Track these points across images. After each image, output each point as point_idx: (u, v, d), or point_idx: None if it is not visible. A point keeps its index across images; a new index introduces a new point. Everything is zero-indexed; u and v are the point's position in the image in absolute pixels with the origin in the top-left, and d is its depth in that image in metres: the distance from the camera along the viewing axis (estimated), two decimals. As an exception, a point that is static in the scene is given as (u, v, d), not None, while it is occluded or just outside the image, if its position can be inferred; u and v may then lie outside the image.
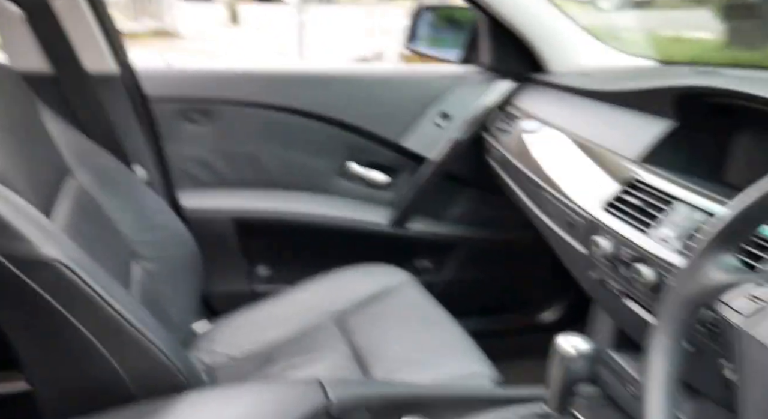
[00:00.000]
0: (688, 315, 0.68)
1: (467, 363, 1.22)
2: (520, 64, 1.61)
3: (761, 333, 0.57)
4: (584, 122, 1.30)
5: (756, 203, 0.63)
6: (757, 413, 0.55)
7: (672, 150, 1.07)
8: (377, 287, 1.48)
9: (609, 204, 1.07)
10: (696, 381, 0.85)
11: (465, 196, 1.79)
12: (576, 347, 0.92)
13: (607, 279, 1.07)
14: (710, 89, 0.99)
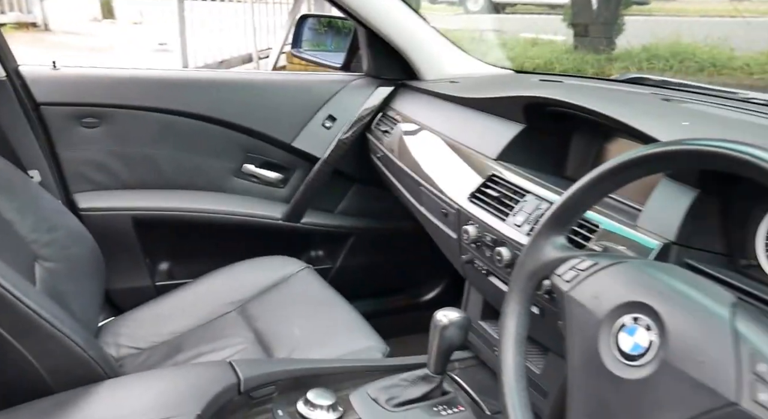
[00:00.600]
0: (532, 285, 0.83)
1: (361, 340, 1.32)
2: (397, 72, 1.73)
3: (579, 295, 0.72)
4: (453, 124, 1.45)
5: (577, 194, 0.79)
6: (579, 354, 0.71)
7: (523, 149, 1.24)
8: (276, 276, 1.55)
9: (473, 196, 1.22)
10: (542, 338, 1.01)
11: (353, 191, 1.90)
12: (449, 317, 1.06)
13: (475, 260, 1.22)
14: (549, 100, 1.17)
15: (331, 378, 1.13)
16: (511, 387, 0.78)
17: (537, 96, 1.20)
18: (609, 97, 1.20)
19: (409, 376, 1.14)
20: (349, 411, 1.06)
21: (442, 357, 1.09)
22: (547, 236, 0.81)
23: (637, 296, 0.66)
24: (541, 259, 0.81)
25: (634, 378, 0.63)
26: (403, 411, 1.08)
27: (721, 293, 0.64)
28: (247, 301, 1.48)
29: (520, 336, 0.82)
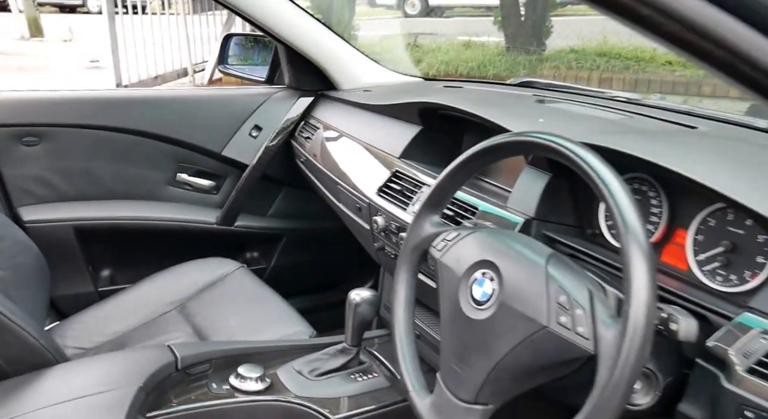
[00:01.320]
0: (416, 257, 1.01)
1: (290, 326, 1.47)
2: (316, 84, 1.90)
3: (447, 259, 0.91)
4: (365, 128, 1.63)
5: (445, 181, 0.98)
6: (446, 306, 0.89)
7: (421, 148, 1.43)
8: (212, 276, 1.68)
9: (380, 190, 1.41)
10: (431, 302, 1.18)
11: (282, 194, 2.05)
12: (361, 296, 1.24)
13: (385, 247, 1.40)
14: (437, 104, 1.37)
15: (261, 357, 1.28)
16: (402, 338, 0.97)
17: (427, 102, 1.39)
18: (491, 100, 1.41)
19: (329, 350, 1.30)
20: (276, 383, 1.22)
21: (357, 331, 1.26)
22: (425, 216, 0.99)
23: (484, 255, 0.85)
24: (421, 234, 0.99)
25: (482, 318, 0.82)
26: (324, 379, 1.24)
27: (541, 248, 0.84)
28: (186, 300, 1.60)
29: (409, 299, 1.00)
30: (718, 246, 0.89)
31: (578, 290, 0.76)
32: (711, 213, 0.91)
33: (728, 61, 0.44)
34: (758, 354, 0.72)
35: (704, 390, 0.77)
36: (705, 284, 0.89)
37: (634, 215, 0.70)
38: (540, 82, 1.66)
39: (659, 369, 0.80)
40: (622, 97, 1.39)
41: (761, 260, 0.84)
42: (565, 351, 0.75)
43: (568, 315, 0.75)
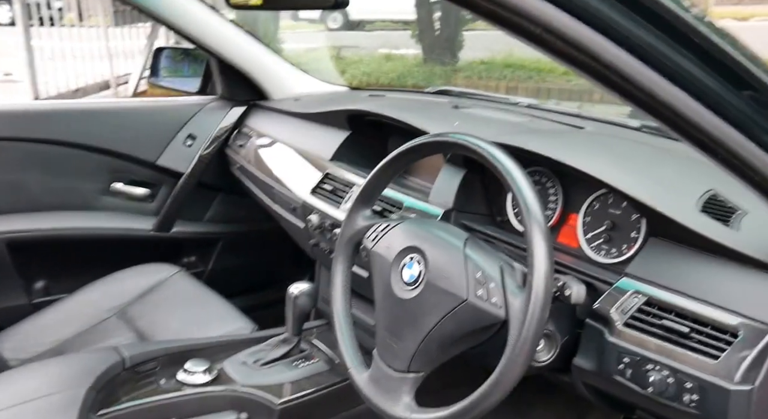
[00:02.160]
0: (351, 249, 1.09)
1: (232, 323, 1.51)
2: (248, 94, 1.95)
3: (378, 248, 1.00)
4: (297, 135, 1.71)
5: (374, 177, 1.07)
6: (380, 289, 0.98)
7: (350, 151, 1.52)
8: (152, 281, 1.69)
9: (313, 191, 1.49)
10: (365, 291, 1.26)
11: (218, 200, 2.08)
12: (300, 288, 1.31)
13: (320, 243, 1.48)
14: (363, 111, 1.47)
15: (207, 352, 1.32)
16: (341, 321, 1.05)
17: (355, 109, 1.49)
18: (412, 107, 1.52)
19: (272, 341, 1.37)
20: (223, 374, 1.27)
21: (298, 321, 1.33)
22: (358, 210, 1.08)
23: (411, 242, 0.95)
24: (355, 228, 1.08)
25: (411, 297, 0.92)
26: (268, 368, 1.31)
27: (459, 233, 0.95)
28: (126, 306, 1.61)
29: (346, 286, 1.08)
30: (602, 226, 1.03)
31: (491, 267, 0.87)
32: (595, 198, 1.05)
33: (602, 72, 0.55)
34: (632, 311, 0.86)
35: (593, 345, 0.90)
36: (592, 258, 1.03)
37: (535, 202, 0.82)
38: (454, 90, 1.80)
39: (557, 329, 0.92)
40: (524, 102, 1.54)
41: (634, 235, 0.98)
42: (482, 319, 0.86)
43: (483, 288, 0.86)
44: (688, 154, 1.06)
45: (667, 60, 0.54)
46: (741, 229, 0.85)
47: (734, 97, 0.57)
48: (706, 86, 0.56)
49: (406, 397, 0.91)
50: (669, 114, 0.55)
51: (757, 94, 0.58)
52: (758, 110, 0.59)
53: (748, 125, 0.59)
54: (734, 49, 0.56)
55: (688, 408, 0.80)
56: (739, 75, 0.57)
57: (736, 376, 0.76)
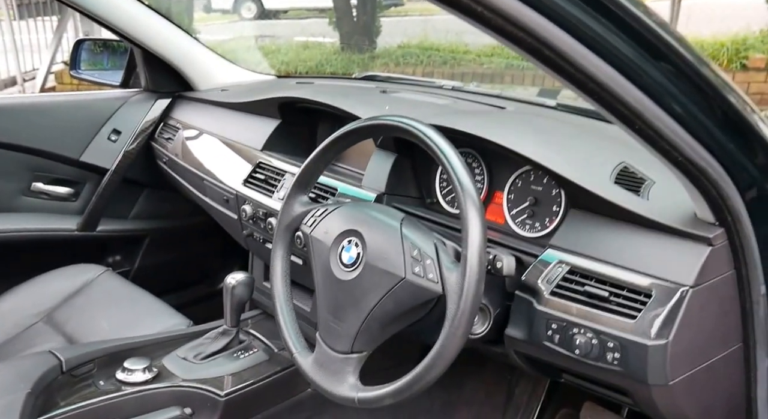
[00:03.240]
0: (289, 235, 1.08)
1: (167, 320, 1.45)
2: (174, 85, 1.88)
3: (316, 233, 1.00)
4: (225, 125, 1.66)
5: (311, 163, 1.06)
6: (319, 273, 0.97)
7: (281, 140, 1.50)
8: (78, 283, 1.60)
9: (245, 181, 1.46)
10: (307, 282, 1.27)
11: (144, 195, 2.00)
12: (236, 278, 1.29)
13: (253, 233, 1.45)
14: (293, 98, 1.45)
15: (144, 350, 1.28)
16: (282, 307, 1.04)
17: (286, 96, 1.47)
18: (342, 92, 1.51)
19: (211, 334, 1.34)
20: (163, 371, 1.23)
21: (236, 312, 1.31)
22: (295, 197, 1.07)
23: (349, 225, 0.96)
24: (292, 214, 1.07)
25: (351, 279, 0.92)
26: (209, 361, 1.28)
27: (395, 213, 0.96)
28: (53, 310, 1.52)
29: (285, 272, 1.07)
30: (525, 202, 1.07)
31: (426, 245, 0.89)
32: (518, 176, 1.09)
33: (536, 47, 0.57)
34: (557, 280, 0.91)
35: (522, 315, 0.94)
36: (518, 233, 1.08)
37: (468, 179, 0.84)
38: (381, 75, 1.80)
39: (490, 303, 0.96)
40: (448, 85, 1.56)
41: (555, 209, 1.03)
42: (420, 296, 0.88)
43: (420, 265, 0.87)
44: (601, 130, 1.13)
45: (590, 31, 0.57)
46: (650, 198, 0.91)
47: (651, 67, 0.61)
48: (628, 58, 0.59)
49: (351, 377, 0.92)
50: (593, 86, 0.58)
51: (672, 64, 0.62)
52: (672, 80, 0.62)
53: (663, 94, 0.62)
54: (650, 20, 0.59)
55: (611, 366, 0.85)
56: (656, 46, 0.60)
57: (651, 333, 0.81)
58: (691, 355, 0.83)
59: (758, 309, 0.83)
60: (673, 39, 0.61)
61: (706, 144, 0.69)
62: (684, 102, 0.64)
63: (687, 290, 0.81)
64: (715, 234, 0.81)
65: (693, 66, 0.63)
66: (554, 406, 1.57)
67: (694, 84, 0.65)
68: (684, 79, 0.64)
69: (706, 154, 0.70)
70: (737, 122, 0.70)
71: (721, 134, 0.69)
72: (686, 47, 0.62)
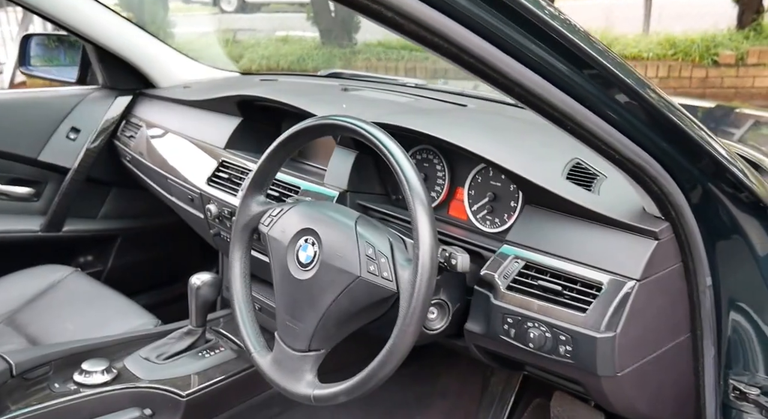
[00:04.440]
0: (247, 235, 1.09)
1: (134, 320, 1.45)
2: (133, 82, 1.86)
3: (274, 232, 1.00)
4: (188, 123, 1.66)
5: (265, 162, 1.06)
6: (277, 271, 0.98)
7: (244, 137, 1.50)
8: (42, 284, 1.59)
9: (210, 180, 1.46)
10: (263, 274, 1.26)
11: (112, 195, 1.98)
12: (202, 279, 1.29)
13: (220, 232, 1.46)
14: (252, 96, 1.45)
15: (105, 351, 1.27)
16: (241, 307, 1.05)
17: (243, 94, 1.47)
18: (302, 90, 1.52)
19: (175, 334, 1.34)
20: (124, 372, 1.22)
21: (201, 312, 1.31)
22: (251, 197, 1.08)
23: (305, 224, 0.96)
24: (249, 214, 1.07)
25: (308, 278, 0.93)
26: (172, 361, 1.28)
27: (350, 212, 0.97)
28: (15, 312, 1.50)
29: (244, 273, 1.08)
30: (485, 198, 1.09)
31: (381, 243, 0.90)
32: (477, 172, 1.11)
33: (454, 52, 0.59)
34: (513, 275, 0.92)
35: (481, 310, 0.96)
36: (479, 229, 1.09)
37: (415, 178, 0.85)
38: (346, 73, 1.81)
39: (448, 298, 0.97)
40: (411, 83, 1.58)
41: (513, 204, 1.05)
42: (375, 294, 0.89)
43: (375, 264, 0.88)
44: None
45: (518, 45, 0.59)
46: (601, 193, 0.93)
47: (577, 76, 0.63)
48: (552, 66, 0.61)
49: (309, 375, 0.93)
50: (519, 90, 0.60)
51: (595, 72, 0.64)
52: (597, 86, 0.65)
53: (590, 98, 0.64)
54: (572, 32, 0.61)
55: (563, 359, 0.87)
56: (578, 57, 0.62)
57: (601, 325, 0.83)
58: (639, 347, 0.86)
59: (705, 300, 0.86)
60: (595, 51, 0.63)
61: (641, 144, 0.71)
62: (613, 106, 0.67)
63: (634, 283, 0.83)
64: (660, 228, 0.83)
65: (616, 75, 0.66)
66: (528, 397, 1.59)
67: (621, 91, 0.67)
68: (611, 86, 0.66)
69: (643, 153, 0.72)
70: (666, 125, 0.72)
71: (655, 135, 0.72)
72: (609, 58, 0.65)
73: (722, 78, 5.23)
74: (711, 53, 5.26)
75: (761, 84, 5.24)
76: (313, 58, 7.16)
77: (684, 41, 5.41)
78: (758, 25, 5.62)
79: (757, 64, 5.22)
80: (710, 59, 5.25)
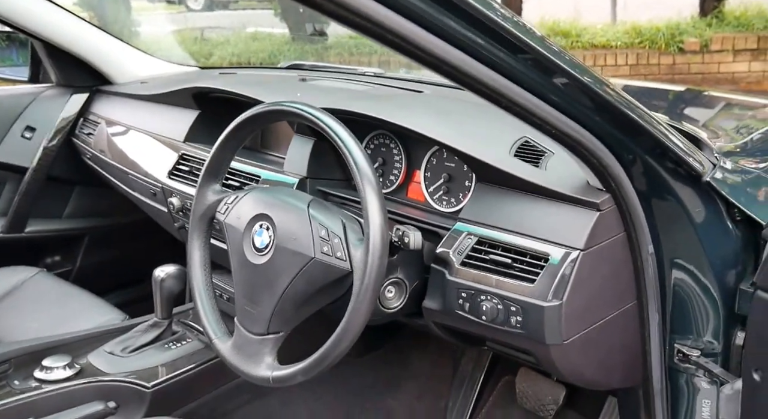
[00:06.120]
0: (204, 224, 1.11)
1: (101, 316, 1.45)
2: (89, 79, 1.85)
3: (230, 219, 1.02)
4: (147, 118, 1.66)
5: (217, 152, 1.08)
6: (234, 257, 1.00)
7: (203, 130, 1.51)
8: (6, 286, 1.57)
9: (171, 173, 1.47)
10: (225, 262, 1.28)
11: (76, 193, 1.97)
12: (166, 271, 1.30)
13: (185, 225, 1.47)
14: (208, 89, 1.46)
15: (68, 347, 1.26)
16: (200, 295, 1.06)
17: (197, 86, 1.48)
18: (260, 82, 1.54)
19: (140, 327, 1.34)
20: (88, 367, 1.23)
21: (166, 304, 1.32)
22: (206, 186, 1.09)
23: (259, 210, 0.98)
24: (205, 203, 1.09)
25: (263, 262, 0.95)
26: (138, 354, 1.28)
27: (303, 196, 1.00)
28: None
29: (203, 261, 1.09)
30: (440, 179, 1.12)
31: (334, 224, 0.93)
32: (432, 154, 1.14)
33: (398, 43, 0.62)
34: (467, 251, 0.96)
35: (437, 286, 0.99)
36: (436, 209, 1.13)
37: (364, 160, 0.88)
38: (306, 64, 1.83)
39: (406, 277, 1.00)
40: (370, 72, 1.60)
41: (468, 184, 1.08)
42: (330, 274, 0.91)
43: (328, 244, 0.91)
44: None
45: (456, 32, 0.62)
46: (548, 168, 0.96)
47: (511, 59, 0.66)
48: (489, 51, 0.64)
49: (268, 358, 0.95)
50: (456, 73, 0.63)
51: (529, 56, 0.67)
52: (531, 68, 0.68)
53: (526, 80, 0.68)
54: (505, 21, 0.64)
55: (515, 329, 0.91)
56: (512, 42, 0.66)
57: (548, 295, 0.87)
58: (585, 314, 0.89)
59: (648, 268, 0.90)
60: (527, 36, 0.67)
61: (575, 118, 0.75)
62: (545, 84, 0.70)
63: (578, 253, 0.87)
64: (602, 199, 0.87)
65: (547, 58, 0.69)
66: (497, 375, 1.64)
67: (555, 71, 0.71)
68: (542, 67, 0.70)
69: (579, 128, 0.76)
70: (600, 102, 0.76)
71: (588, 110, 0.75)
72: (540, 42, 0.68)
73: (689, 64, 5.37)
74: (676, 41, 5.40)
75: (726, 70, 5.39)
76: (284, 53, 7.13)
77: (650, 30, 5.54)
78: (720, 13, 5.78)
79: (720, 51, 5.38)
80: (676, 47, 5.40)
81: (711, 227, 0.91)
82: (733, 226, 0.91)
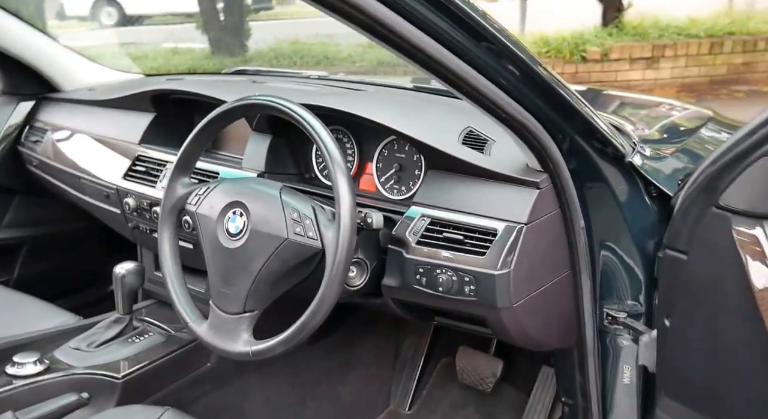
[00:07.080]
0: (173, 217, 1.14)
1: (55, 318, 1.42)
2: (35, 87, 1.81)
3: (202, 209, 1.06)
4: (97, 123, 1.65)
5: (188, 147, 1.12)
6: (208, 245, 1.04)
7: (158, 132, 1.53)
8: None
9: (125, 175, 1.48)
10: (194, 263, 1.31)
11: (16, 203, 1.90)
12: (125, 267, 1.31)
13: (139, 225, 1.48)
14: (168, 90, 1.49)
15: (34, 346, 1.27)
16: (173, 282, 1.10)
17: (159, 89, 1.51)
18: (213, 84, 1.57)
19: (103, 323, 1.35)
20: (56, 362, 1.23)
21: (127, 299, 1.34)
22: (176, 179, 1.13)
23: (232, 197, 1.04)
24: (175, 196, 1.13)
25: (238, 246, 1.01)
26: (103, 348, 1.30)
27: (274, 184, 1.06)
28: None
29: (174, 251, 1.13)
30: (392, 169, 1.21)
31: (305, 207, 1.00)
32: (384, 146, 1.23)
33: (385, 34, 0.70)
34: (421, 231, 1.05)
35: (395, 265, 1.08)
36: (388, 197, 1.22)
37: (335, 149, 0.96)
38: (250, 69, 1.87)
39: (366, 257, 1.08)
40: (314, 75, 1.68)
41: (418, 172, 1.18)
42: (302, 253, 0.98)
43: (300, 226, 0.98)
44: (450, 103, 1.30)
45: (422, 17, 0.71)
46: (491, 154, 1.08)
47: (474, 47, 0.76)
48: (453, 37, 0.74)
49: (245, 334, 1.01)
50: (422, 57, 0.72)
51: (491, 45, 0.78)
52: (492, 57, 0.78)
53: (484, 66, 0.78)
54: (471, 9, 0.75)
55: (468, 297, 1.01)
56: (476, 30, 0.76)
57: (497, 264, 0.98)
58: (529, 281, 1.01)
59: (579, 240, 1.02)
60: (489, 25, 0.77)
61: (522, 104, 0.86)
62: (501, 72, 0.81)
63: (522, 226, 0.98)
64: (541, 179, 0.99)
65: (508, 47, 0.80)
66: (436, 357, 1.74)
67: (509, 60, 0.81)
68: (500, 56, 0.80)
69: (524, 111, 0.87)
70: (545, 89, 0.88)
71: (533, 96, 0.87)
72: (502, 33, 0.79)
73: (589, 73, 5.70)
74: (579, 50, 5.67)
75: (623, 78, 5.77)
76: (204, 68, 7.02)
77: (556, 39, 5.82)
78: (619, 23, 6.08)
79: (619, 59, 5.70)
80: (579, 55, 5.67)
81: (632, 203, 1.04)
82: (651, 201, 1.05)
